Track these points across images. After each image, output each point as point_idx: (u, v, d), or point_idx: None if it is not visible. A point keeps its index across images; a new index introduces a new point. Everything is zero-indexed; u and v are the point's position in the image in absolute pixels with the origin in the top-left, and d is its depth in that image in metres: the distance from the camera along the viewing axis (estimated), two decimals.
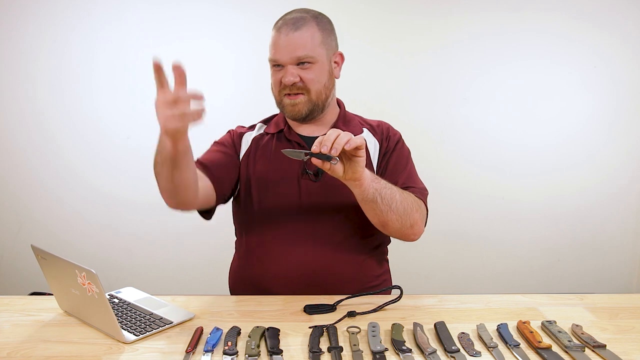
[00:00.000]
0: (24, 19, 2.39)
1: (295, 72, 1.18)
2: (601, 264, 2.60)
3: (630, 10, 2.42)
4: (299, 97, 1.21)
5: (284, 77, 1.19)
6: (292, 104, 1.22)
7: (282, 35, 1.18)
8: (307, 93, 1.21)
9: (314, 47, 1.19)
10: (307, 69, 1.19)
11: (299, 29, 1.18)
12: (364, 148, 0.99)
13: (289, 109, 1.23)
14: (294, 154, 1.00)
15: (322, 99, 1.23)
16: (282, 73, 1.20)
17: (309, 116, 1.24)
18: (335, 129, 0.99)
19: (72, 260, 0.92)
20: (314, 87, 1.21)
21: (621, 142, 2.51)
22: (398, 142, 1.31)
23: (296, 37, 1.17)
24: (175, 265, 2.47)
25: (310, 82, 1.20)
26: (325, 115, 1.29)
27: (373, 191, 1.07)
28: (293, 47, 1.17)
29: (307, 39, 1.18)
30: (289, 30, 1.17)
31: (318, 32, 1.20)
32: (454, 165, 2.52)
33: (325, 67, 1.22)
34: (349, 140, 0.96)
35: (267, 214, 1.24)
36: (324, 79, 1.22)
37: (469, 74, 2.47)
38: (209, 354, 0.87)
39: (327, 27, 1.23)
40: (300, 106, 1.22)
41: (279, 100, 1.25)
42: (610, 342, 0.91)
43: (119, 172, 2.48)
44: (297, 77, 1.18)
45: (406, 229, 1.15)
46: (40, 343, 0.93)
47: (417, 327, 0.95)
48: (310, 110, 1.23)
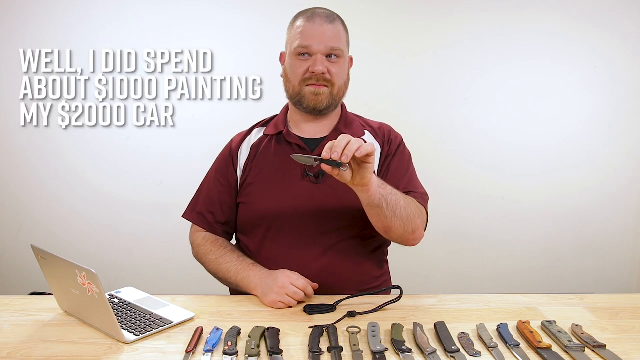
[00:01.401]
0: (24, 19, 2.39)
1: (325, 63, 1.19)
2: (601, 264, 2.60)
3: (630, 10, 2.42)
4: (323, 88, 1.21)
5: (314, 66, 1.19)
6: (315, 92, 1.21)
7: (316, 25, 1.19)
8: (330, 86, 1.22)
9: (343, 42, 1.22)
10: (334, 63, 1.21)
11: (333, 23, 1.21)
12: (374, 155, 0.99)
13: (310, 98, 1.22)
14: (304, 160, 1.00)
15: (340, 95, 1.25)
16: (310, 62, 1.20)
17: (325, 110, 1.25)
18: (346, 135, 0.98)
19: (72, 260, 0.92)
20: (337, 82, 1.22)
21: (621, 142, 2.51)
22: (399, 146, 1.31)
23: (330, 28, 1.20)
24: (175, 265, 2.47)
25: (335, 76, 1.21)
26: (329, 118, 1.29)
27: (379, 197, 1.07)
28: (328, 37, 1.19)
29: (339, 34, 1.22)
30: (323, 22, 1.20)
31: (344, 32, 1.25)
32: (454, 165, 2.52)
33: (346, 65, 1.26)
34: (359, 147, 0.95)
35: (268, 216, 1.24)
36: (345, 76, 1.25)
37: (469, 74, 2.47)
38: (209, 354, 0.87)
39: (347, 29, 1.27)
40: (323, 97, 1.22)
41: (298, 90, 1.23)
42: (610, 342, 0.91)
43: (119, 172, 2.47)
44: (326, 68, 1.19)
45: (408, 234, 1.16)
46: (40, 343, 0.93)
47: (417, 327, 0.95)
48: (330, 104, 1.24)
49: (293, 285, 1.10)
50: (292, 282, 1.10)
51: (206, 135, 2.39)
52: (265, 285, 1.13)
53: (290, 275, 1.12)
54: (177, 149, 2.45)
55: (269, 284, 1.12)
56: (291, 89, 1.25)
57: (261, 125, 1.37)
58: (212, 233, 1.31)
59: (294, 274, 1.13)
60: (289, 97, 1.28)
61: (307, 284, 1.12)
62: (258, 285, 1.14)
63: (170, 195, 2.42)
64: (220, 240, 1.29)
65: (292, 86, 1.24)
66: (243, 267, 1.19)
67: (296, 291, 1.09)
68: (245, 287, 1.17)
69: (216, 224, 1.31)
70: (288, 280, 1.10)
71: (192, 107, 2.43)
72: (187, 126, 2.43)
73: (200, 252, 1.30)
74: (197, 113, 2.44)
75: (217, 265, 1.24)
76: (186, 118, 2.44)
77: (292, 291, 1.09)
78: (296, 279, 1.11)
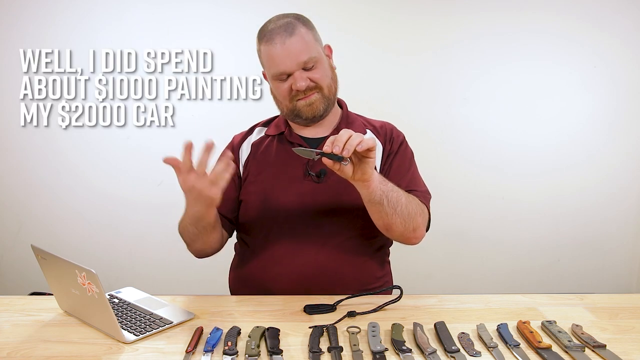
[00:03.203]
0: (24, 19, 2.39)
1: (304, 75, 1.18)
2: (601, 264, 2.60)
3: (630, 10, 2.42)
4: (313, 95, 1.21)
5: (295, 84, 1.17)
6: (308, 104, 1.21)
7: (277, 46, 1.16)
8: (319, 90, 1.21)
9: (311, 47, 1.18)
10: (313, 70, 1.19)
11: (293, 34, 1.16)
12: (375, 149, 0.99)
13: (305, 110, 1.22)
14: (305, 153, 1.00)
15: (333, 91, 1.25)
16: (291, 81, 1.18)
17: (324, 113, 1.24)
18: (347, 130, 0.98)
19: (72, 260, 0.92)
20: (324, 83, 1.21)
21: (621, 142, 2.51)
22: (402, 144, 1.30)
23: (293, 42, 1.16)
24: (175, 265, 2.47)
25: (320, 80, 1.20)
26: (328, 116, 1.29)
27: (380, 193, 1.07)
28: (295, 54, 1.16)
29: (303, 42, 1.17)
30: (284, 39, 1.15)
31: (308, 32, 1.19)
32: (454, 165, 2.52)
33: (325, 62, 1.23)
34: (360, 142, 0.95)
35: (270, 215, 1.24)
36: (329, 73, 1.24)
37: (469, 74, 2.47)
38: (209, 354, 0.87)
39: (310, 24, 1.23)
40: (317, 104, 1.21)
41: (291, 108, 1.23)
42: (610, 342, 0.91)
43: (119, 172, 2.48)
44: (307, 80, 1.18)
45: (409, 232, 1.15)
46: (40, 343, 0.93)
47: (417, 327, 0.95)
48: (326, 106, 1.23)
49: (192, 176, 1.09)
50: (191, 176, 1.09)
51: (206, 135, 2.37)
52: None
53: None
54: (177, 149, 2.43)
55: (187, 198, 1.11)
56: (284, 109, 1.25)
57: (262, 125, 1.37)
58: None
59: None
60: (285, 115, 1.28)
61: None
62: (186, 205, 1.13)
63: (170, 195, 2.38)
64: None
65: (284, 106, 1.25)
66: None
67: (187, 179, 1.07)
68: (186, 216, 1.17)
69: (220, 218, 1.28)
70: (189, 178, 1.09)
71: (192, 107, 2.44)
72: (187, 126, 2.43)
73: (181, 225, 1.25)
74: (197, 113, 2.44)
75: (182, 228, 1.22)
76: (186, 118, 2.44)
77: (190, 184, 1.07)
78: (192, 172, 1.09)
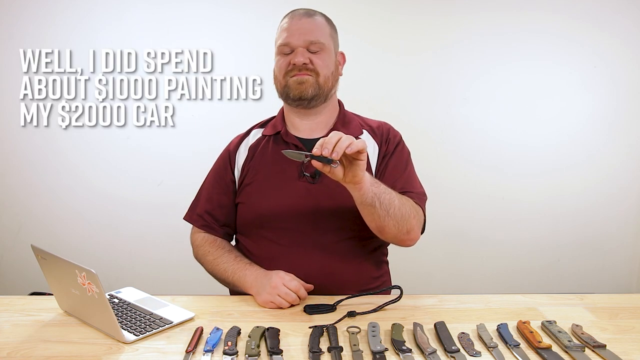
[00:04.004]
0: (24, 19, 2.39)
1: (305, 54, 1.21)
2: (601, 264, 2.60)
3: (630, 10, 2.42)
4: (307, 76, 1.21)
5: (294, 58, 1.20)
6: (299, 81, 1.21)
7: (294, 21, 1.22)
8: (315, 75, 1.22)
9: (324, 34, 1.23)
10: (317, 54, 1.22)
11: (312, 17, 1.23)
12: (366, 152, 0.99)
13: (294, 87, 1.22)
14: (295, 156, 1.00)
15: (328, 86, 1.24)
16: (292, 56, 1.21)
17: (312, 100, 1.23)
18: (337, 132, 0.98)
19: (72, 260, 0.92)
20: (322, 72, 1.22)
21: (621, 142, 2.51)
22: (398, 145, 1.30)
23: (309, 22, 1.22)
24: (175, 265, 2.47)
25: (319, 66, 1.22)
26: (324, 115, 1.29)
27: (372, 195, 1.07)
28: (306, 31, 1.21)
29: (317, 25, 1.23)
30: (302, 17, 1.22)
31: (327, 25, 1.26)
32: (454, 165, 2.51)
33: (333, 57, 1.26)
34: (350, 144, 0.95)
35: (266, 217, 1.24)
36: (331, 67, 1.25)
37: (469, 74, 2.47)
38: (209, 354, 0.87)
39: (333, 25, 1.29)
40: (307, 85, 1.21)
41: (284, 83, 1.24)
42: (610, 342, 0.91)
43: (119, 172, 2.47)
44: (307, 59, 1.20)
45: (402, 234, 1.15)
46: (40, 343, 0.93)
47: (417, 327, 0.95)
48: (316, 93, 1.23)
49: (285, 286, 1.10)
50: (284, 283, 1.10)
51: (206, 135, 2.39)
52: (260, 285, 1.13)
53: (284, 276, 1.12)
54: (177, 149, 2.45)
55: (263, 283, 1.13)
56: (278, 84, 1.27)
57: (259, 126, 1.37)
58: (212, 234, 1.31)
59: (288, 275, 1.13)
60: (278, 93, 1.29)
61: (300, 286, 1.12)
62: (253, 284, 1.15)
63: (170, 195, 2.42)
64: (218, 241, 1.30)
65: (278, 82, 1.26)
66: (239, 266, 1.20)
67: (288, 292, 1.09)
68: (241, 286, 1.18)
69: (216, 225, 1.31)
70: (281, 281, 1.10)
71: (192, 107, 2.44)
72: (187, 126, 2.43)
73: (199, 252, 1.30)
74: (197, 113, 2.44)
75: (215, 265, 1.24)
76: (186, 118, 2.44)
77: (284, 292, 1.09)
78: (289, 281, 1.11)
